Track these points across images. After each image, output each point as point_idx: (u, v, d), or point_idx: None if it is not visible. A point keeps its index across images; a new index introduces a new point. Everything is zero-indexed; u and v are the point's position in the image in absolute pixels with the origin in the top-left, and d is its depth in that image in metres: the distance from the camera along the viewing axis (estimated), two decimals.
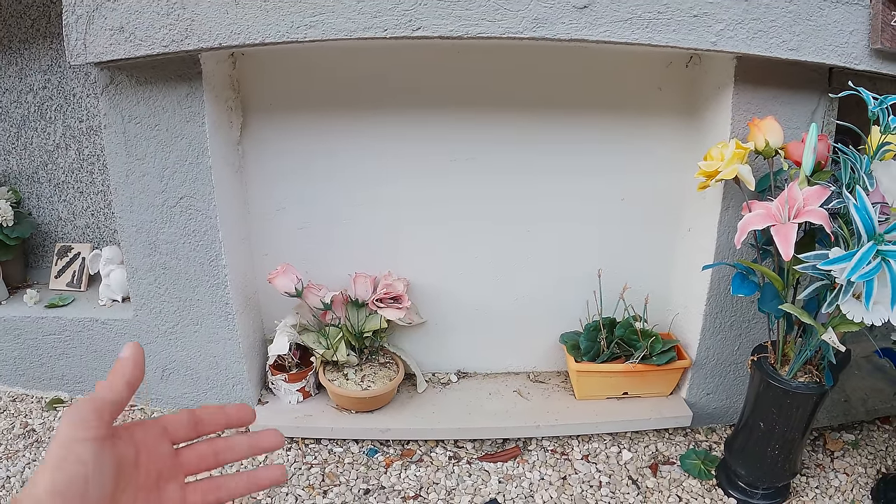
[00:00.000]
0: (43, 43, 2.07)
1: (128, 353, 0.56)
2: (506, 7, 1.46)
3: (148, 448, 0.55)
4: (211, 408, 0.60)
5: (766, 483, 1.71)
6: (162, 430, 0.57)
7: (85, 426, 0.48)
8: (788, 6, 1.52)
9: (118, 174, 1.74)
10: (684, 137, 1.90)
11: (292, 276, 1.87)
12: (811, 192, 1.39)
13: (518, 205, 1.97)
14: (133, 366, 0.55)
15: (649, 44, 1.52)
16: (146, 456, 0.54)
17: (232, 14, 1.48)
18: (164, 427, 0.57)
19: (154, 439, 0.56)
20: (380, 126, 1.88)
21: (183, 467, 0.58)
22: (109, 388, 0.53)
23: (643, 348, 1.90)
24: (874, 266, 1.24)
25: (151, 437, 0.56)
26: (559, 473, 1.83)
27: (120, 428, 0.53)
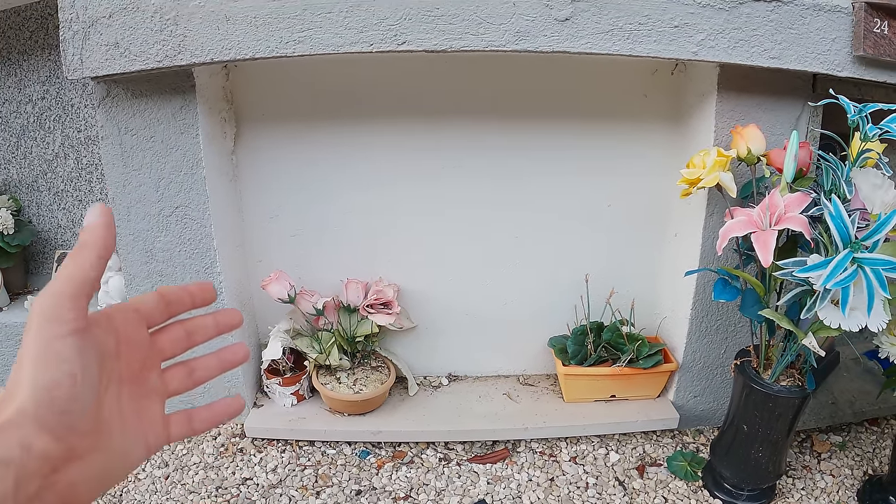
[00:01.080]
0: (41, 54, 2.11)
1: (97, 218, 0.47)
2: (489, 21, 1.49)
3: (127, 335, 0.49)
4: (173, 287, 0.54)
5: (751, 484, 1.73)
6: (136, 313, 0.51)
7: (61, 320, 0.41)
8: (770, 15, 1.54)
9: (115, 184, 1.78)
10: (670, 144, 1.93)
11: (285, 283, 1.91)
12: (792, 198, 1.41)
13: (506, 211, 2.00)
14: (105, 232, 0.46)
15: (630, 55, 1.54)
16: (126, 345, 0.49)
17: (223, 30, 1.51)
18: (137, 310, 0.51)
19: (132, 325, 0.50)
20: (370, 134, 1.91)
21: (160, 353, 0.53)
22: (80, 265, 0.44)
23: (630, 352, 1.93)
24: (850, 273, 1.26)
25: (129, 323, 0.50)
26: (547, 475, 1.86)
27: (97, 314, 0.47)
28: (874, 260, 1.26)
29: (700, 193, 1.74)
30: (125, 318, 0.50)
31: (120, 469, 0.46)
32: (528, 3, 1.48)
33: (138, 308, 0.51)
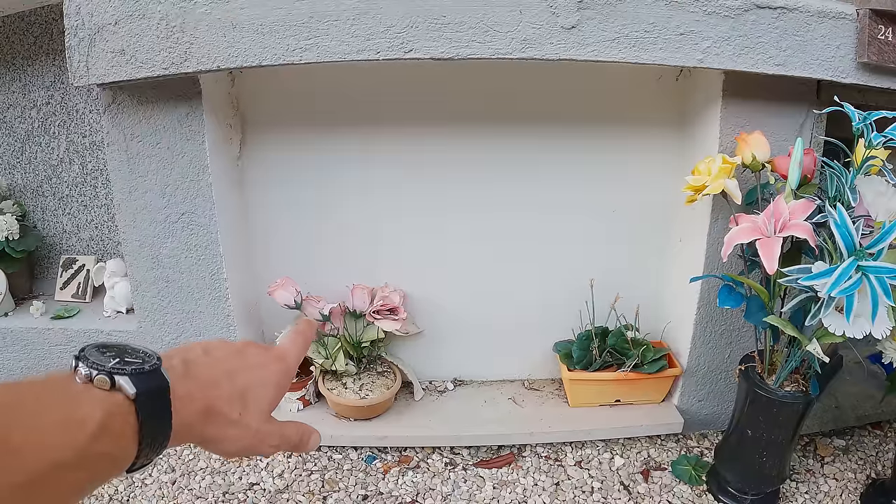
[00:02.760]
0: (46, 59, 2.11)
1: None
2: (495, 29, 1.49)
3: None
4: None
5: (755, 489, 1.74)
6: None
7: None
8: (775, 22, 1.55)
9: (121, 190, 1.79)
10: (675, 149, 1.93)
11: (292, 289, 1.91)
12: (797, 205, 1.42)
13: (511, 216, 2.00)
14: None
15: (637, 62, 1.55)
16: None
17: (229, 37, 1.51)
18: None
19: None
20: (376, 140, 1.91)
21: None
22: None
23: (635, 357, 1.93)
24: (854, 281, 1.27)
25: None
26: (552, 479, 1.87)
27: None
28: (879, 268, 1.26)
29: (705, 200, 1.75)
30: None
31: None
32: (535, 11, 1.48)
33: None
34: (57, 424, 0.42)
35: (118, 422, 0.45)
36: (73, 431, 0.42)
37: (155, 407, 0.48)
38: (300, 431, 0.63)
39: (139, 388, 0.47)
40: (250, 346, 0.63)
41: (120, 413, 0.46)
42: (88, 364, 0.47)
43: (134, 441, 0.47)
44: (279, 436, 0.60)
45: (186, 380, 0.53)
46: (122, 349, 0.51)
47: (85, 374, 0.46)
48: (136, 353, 0.50)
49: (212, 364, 0.57)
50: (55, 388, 0.45)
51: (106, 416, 0.44)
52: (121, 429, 0.46)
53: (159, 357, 0.51)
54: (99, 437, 0.43)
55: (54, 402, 0.44)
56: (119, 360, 0.48)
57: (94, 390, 0.46)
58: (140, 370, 0.48)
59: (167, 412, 0.49)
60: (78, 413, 0.43)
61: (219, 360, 0.58)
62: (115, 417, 0.45)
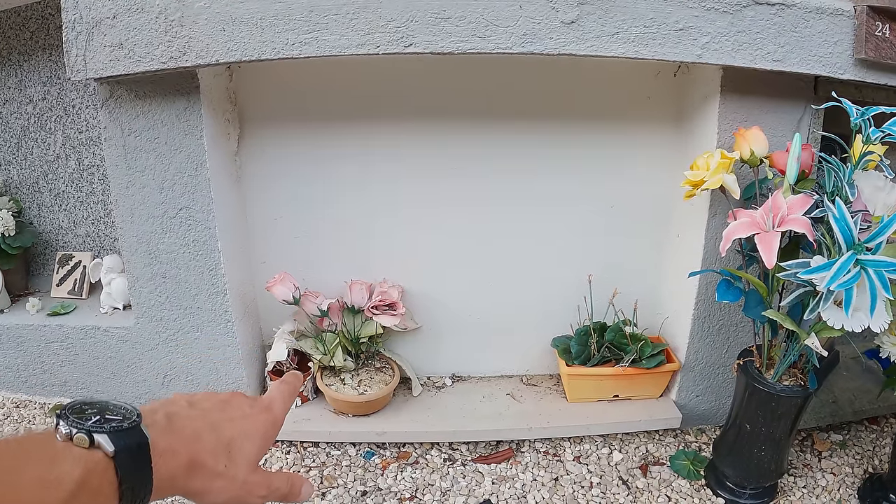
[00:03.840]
0: (42, 55, 2.10)
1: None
2: (495, 24, 1.49)
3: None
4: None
5: (754, 483, 1.75)
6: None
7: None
8: (773, 18, 1.55)
9: (118, 186, 1.78)
10: (673, 145, 1.94)
11: (290, 285, 1.91)
12: (795, 200, 1.42)
13: (510, 212, 2.01)
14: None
15: (636, 57, 1.55)
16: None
17: (229, 31, 1.51)
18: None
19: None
20: (375, 136, 1.91)
21: None
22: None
23: (633, 352, 1.94)
24: (853, 275, 1.27)
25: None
26: (551, 474, 1.87)
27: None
28: (877, 262, 1.27)
29: (703, 195, 1.75)
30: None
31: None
32: (535, 6, 1.49)
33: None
34: (34, 482, 0.43)
35: (96, 479, 0.46)
36: (50, 490, 0.43)
37: (134, 463, 0.49)
38: (290, 482, 0.64)
39: (118, 446, 0.48)
40: (236, 396, 0.64)
41: (98, 470, 0.47)
42: (69, 423, 0.48)
43: (113, 498, 0.48)
44: (267, 486, 0.61)
45: (169, 434, 0.53)
46: (104, 406, 0.52)
47: (65, 432, 0.47)
48: (117, 410, 0.52)
49: (195, 416, 0.58)
50: (35, 445, 0.46)
51: (84, 473, 0.45)
52: (99, 486, 0.46)
53: (139, 413, 0.52)
54: (77, 494, 0.44)
55: (33, 459, 0.44)
56: (99, 419, 0.50)
57: (74, 448, 0.47)
58: (119, 428, 0.49)
59: (147, 468, 0.50)
60: (56, 471, 0.44)
61: (203, 412, 0.59)
62: (93, 475, 0.46)
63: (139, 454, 0.49)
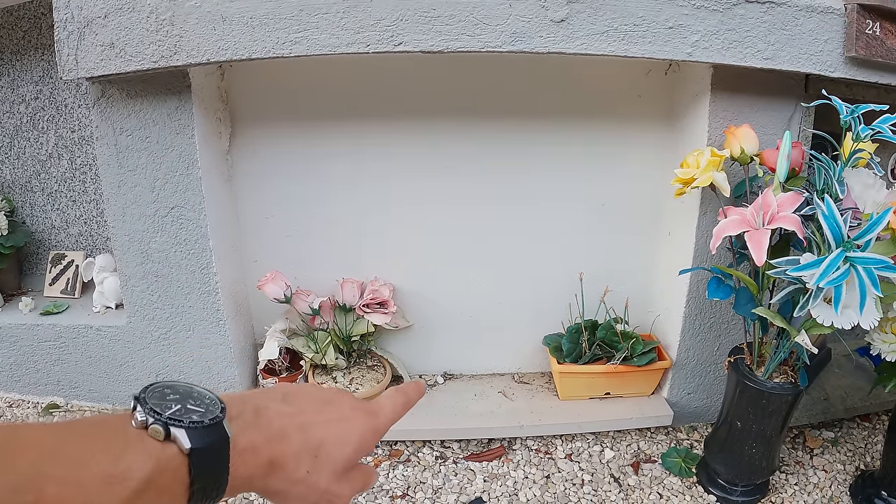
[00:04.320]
0: (34, 54, 2.10)
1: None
2: (485, 22, 1.49)
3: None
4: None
5: (745, 480, 1.75)
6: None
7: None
8: (764, 16, 1.56)
9: (110, 185, 1.78)
10: (664, 143, 1.94)
11: (281, 283, 1.91)
12: (785, 198, 1.43)
13: (501, 210, 2.01)
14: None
15: (626, 56, 1.55)
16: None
17: (219, 30, 1.51)
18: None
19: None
20: (366, 134, 1.91)
21: None
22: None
23: (624, 350, 1.94)
24: (842, 272, 1.27)
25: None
26: (543, 472, 1.87)
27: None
28: (866, 259, 1.27)
29: (694, 193, 1.76)
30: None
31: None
32: (525, 5, 1.49)
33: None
34: (98, 478, 0.40)
35: (166, 478, 0.43)
36: (115, 486, 0.40)
37: (210, 462, 0.46)
38: (364, 478, 0.59)
39: (195, 443, 0.45)
40: (342, 395, 0.60)
41: (170, 469, 0.44)
42: (146, 409, 0.45)
43: (182, 497, 0.45)
44: (349, 496, 0.57)
45: (253, 430, 0.50)
46: (188, 393, 0.49)
47: (140, 420, 0.45)
48: (200, 401, 0.49)
49: (286, 414, 0.53)
50: (107, 433, 0.43)
51: (154, 470, 0.42)
52: (168, 485, 0.43)
53: (224, 407, 0.49)
54: (142, 493, 0.41)
55: (101, 449, 0.41)
56: (180, 408, 0.46)
57: (147, 440, 0.44)
58: (199, 424, 0.46)
59: (224, 468, 0.47)
60: (123, 465, 0.41)
61: (297, 411, 0.54)
62: (164, 473, 0.43)
63: (217, 453, 0.46)
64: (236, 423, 0.49)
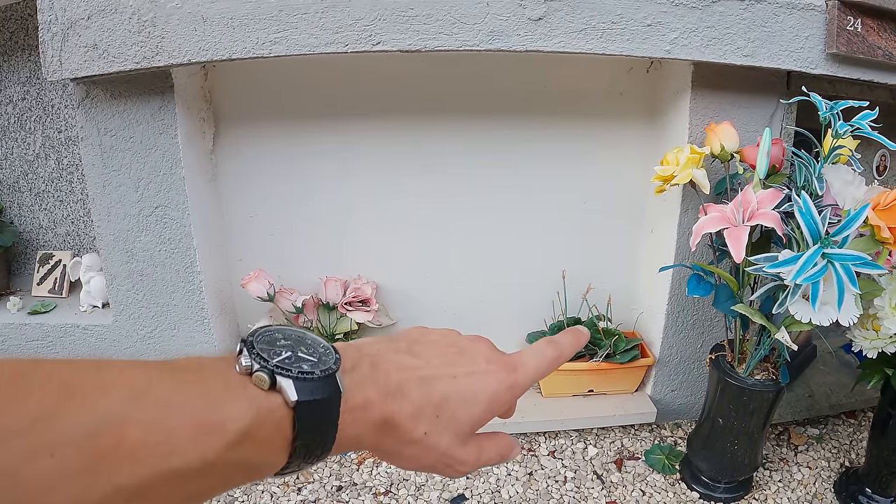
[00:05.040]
0: (21, 55, 2.11)
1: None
2: (462, 21, 1.50)
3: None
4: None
5: (728, 477, 1.75)
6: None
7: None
8: (743, 13, 1.56)
9: (95, 185, 1.79)
10: (646, 141, 1.95)
11: (265, 281, 1.92)
12: (765, 195, 1.43)
13: (483, 209, 2.02)
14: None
15: (604, 53, 1.56)
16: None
17: (200, 31, 1.52)
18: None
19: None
20: (348, 133, 1.92)
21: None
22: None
23: (607, 347, 1.95)
24: (820, 269, 1.27)
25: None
26: (525, 469, 1.88)
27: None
28: (844, 255, 1.27)
29: (675, 190, 1.76)
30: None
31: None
32: (502, 3, 1.49)
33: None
34: (190, 425, 0.36)
35: (267, 431, 0.39)
36: (208, 436, 0.36)
37: (317, 418, 0.41)
38: (500, 451, 0.53)
39: (302, 396, 0.40)
40: (479, 343, 0.53)
41: (271, 421, 0.39)
42: (252, 354, 0.41)
43: (283, 452, 0.40)
44: (474, 462, 0.50)
45: (369, 384, 0.45)
46: (300, 340, 0.44)
47: (245, 364, 0.40)
48: (314, 348, 0.44)
49: (407, 367, 0.48)
50: (205, 376, 0.39)
51: (253, 422, 0.38)
52: (268, 439, 0.39)
53: (338, 358, 0.44)
54: (238, 445, 0.37)
55: (196, 394, 0.37)
56: (290, 356, 0.42)
57: (251, 387, 0.39)
58: (309, 375, 0.41)
59: (332, 425, 0.42)
60: (220, 414, 0.37)
61: (422, 363, 0.49)
62: (264, 426, 0.39)
63: (326, 409, 0.41)
64: (350, 376, 0.44)
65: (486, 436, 0.52)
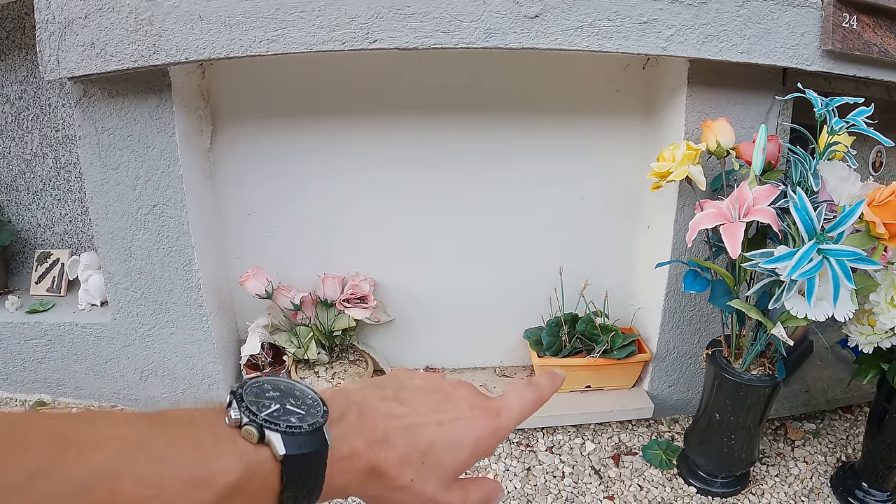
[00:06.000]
0: (18, 54, 2.11)
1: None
2: (459, 19, 1.50)
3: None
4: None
5: (725, 472, 1.76)
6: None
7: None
8: (739, 10, 1.57)
9: (93, 183, 1.79)
10: (643, 137, 1.95)
11: (263, 279, 1.92)
12: (761, 191, 1.43)
13: (481, 205, 2.02)
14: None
15: (600, 50, 1.56)
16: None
17: (198, 30, 1.52)
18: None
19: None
20: (345, 131, 1.92)
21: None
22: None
23: (604, 343, 1.95)
24: (815, 264, 1.28)
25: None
26: (524, 464, 1.88)
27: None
28: (839, 251, 1.28)
29: (671, 186, 1.77)
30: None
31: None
32: (498, 1, 1.50)
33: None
34: (181, 479, 0.36)
35: (255, 485, 0.39)
36: (198, 490, 0.37)
37: (305, 471, 0.41)
38: (484, 495, 0.53)
39: (290, 451, 0.40)
40: (463, 390, 0.54)
41: (260, 475, 0.40)
42: (242, 407, 0.41)
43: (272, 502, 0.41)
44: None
45: (355, 434, 0.45)
46: (288, 392, 0.45)
47: (235, 418, 0.41)
48: (302, 401, 0.44)
49: (394, 416, 0.48)
50: (196, 430, 0.40)
51: (243, 476, 0.38)
52: (257, 492, 0.40)
53: (326, 410, 0.44)
54: (228, 498, 0.38)
55: (188, 448, 0.38)
56: (279, 409, 0.43)
57: (240, 441, 0.40)
58: (297, 429, 0.41)
59: (319, 477, 0.42)
60: (210, 468, 0.37)
61: (408, 412, 0.49)
62: (253, 480, 0.39)
63: (314, 461, 0.42)
64: (338, 426, 0.44)
65: (470, 480, 0.52)
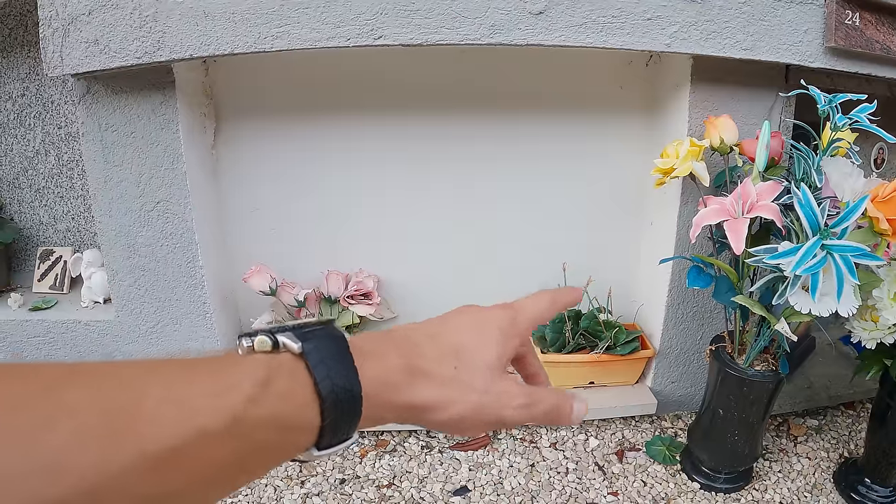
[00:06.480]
0: (21, 51, 2.10)
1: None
2: (463, 15, 1.50)
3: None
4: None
5: (728, 468, 1.77)
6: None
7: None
8: (742, 7, 1.57)
9: (96, 180, 1.79)
10: (646, 134, 1.95)
11: (267, 276, 1.92)
12: (764, 187, 1.44)
13: (484, 201, 2.03)
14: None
15: (604, 47, 1.57)
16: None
17: (202, 26, 1.52)
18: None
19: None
20: (350, 127, 1.93)
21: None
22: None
23: (607, 339, 1.95)
24: (819, 260, 1.28)
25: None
26: (527, 461, 1.89)
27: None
28: (843, 247, 1.28)
29: (675, 183, 1.77)
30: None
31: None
32: None
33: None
34: (208, 389, 0.35)
35: (283, 380, 0.38)
36: (228, 393, 0.36)
37: (330, 359, 0.40)
38: (556, 398, 0.52)
39: (306, 343, 0.40)
40: (465, 308, 0.56)
41: (284, 370, 0.39)
42: (251, 335, 0.41)
43: (312, 402, 0.39)
44: (526, 394, 0.49)
45: (375, 339, 0.46)
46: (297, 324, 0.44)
47: (246, 345, 0.41)
48: (307, 321, 0.44)
49: (412, 328, 0.50)
50: (209, 356, 0.39)
51: (267, 375, 0.38)
52: (289, 389, 0.38)
53: (333, 320, 0.45)
54: (258, 399, 0.36)
55: (206, 367, 0.38)
56: (285, 325, 0.42)
57: (256, 354, 0.40)
58: (304, 326, 0.42)
59: (349, 364, 0.41)
60: (233, 375, 0.37)
61: (421, 324, 0.51)
62: (278, 376, 0.38)
63: (334, 349, 0.41)
64: (357, 337, 0.45)
65: (539, 387, 0.55)
